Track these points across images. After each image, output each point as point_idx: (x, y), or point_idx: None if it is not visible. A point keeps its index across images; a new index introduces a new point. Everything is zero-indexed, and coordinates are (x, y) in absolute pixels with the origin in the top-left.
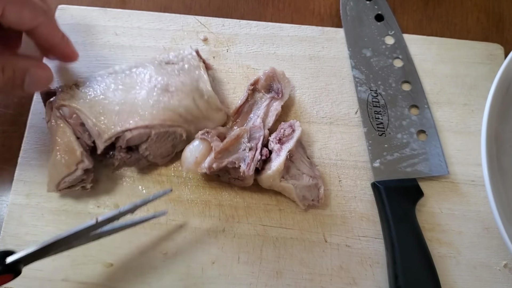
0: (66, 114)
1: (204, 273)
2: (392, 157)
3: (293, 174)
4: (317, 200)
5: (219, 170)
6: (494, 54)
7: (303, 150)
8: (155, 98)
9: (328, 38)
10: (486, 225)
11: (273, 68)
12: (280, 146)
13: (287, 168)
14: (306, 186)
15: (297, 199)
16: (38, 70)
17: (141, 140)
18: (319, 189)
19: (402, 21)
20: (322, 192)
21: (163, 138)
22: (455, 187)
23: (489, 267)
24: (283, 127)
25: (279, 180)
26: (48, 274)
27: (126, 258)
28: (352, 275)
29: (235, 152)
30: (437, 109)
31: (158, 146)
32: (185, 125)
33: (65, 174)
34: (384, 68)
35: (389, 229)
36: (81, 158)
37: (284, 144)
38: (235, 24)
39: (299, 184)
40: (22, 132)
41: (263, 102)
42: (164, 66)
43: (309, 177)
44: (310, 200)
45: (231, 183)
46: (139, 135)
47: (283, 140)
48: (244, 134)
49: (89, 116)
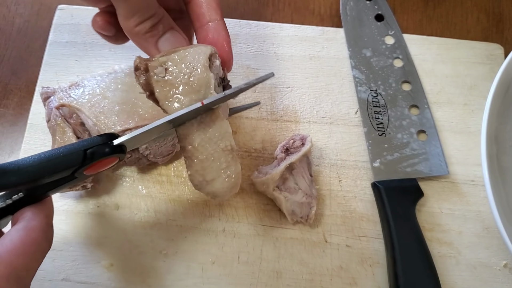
0: (66, 114)
1: (204, 273)
2: (392, 157)
3: (288, 187)
4: (306, 219)
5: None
6: (494, 54)
7: (307, 166)
8: None
9: (328, 38)
10: (486, 225)
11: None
12: (284, 156)
13: (284, 179)
14: (298, 202)
15: (286, 212)
16: (180, 36)
17: None
18: (311, 209)
19: (402, 21)
20: (313, 213)
21: (163, 138)
22: (455, 187)
23: (489, 267)
24: (294, 138)
25: (272, 189)
26: (48, 274)
27: (126, 258)
28: (352, 275)
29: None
30: (437, 109)
31: (158, 145)
32: None
33: None
34: (384, 68)
35: (389, 229)
36: None
37: (289, 156)
38: (235, 24)
39: (291, 198)
40: (22, 132)
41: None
42: None
43: (304, 194)
44: (299, 216)
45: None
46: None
47: (290, 151)
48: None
49: (89, 116)
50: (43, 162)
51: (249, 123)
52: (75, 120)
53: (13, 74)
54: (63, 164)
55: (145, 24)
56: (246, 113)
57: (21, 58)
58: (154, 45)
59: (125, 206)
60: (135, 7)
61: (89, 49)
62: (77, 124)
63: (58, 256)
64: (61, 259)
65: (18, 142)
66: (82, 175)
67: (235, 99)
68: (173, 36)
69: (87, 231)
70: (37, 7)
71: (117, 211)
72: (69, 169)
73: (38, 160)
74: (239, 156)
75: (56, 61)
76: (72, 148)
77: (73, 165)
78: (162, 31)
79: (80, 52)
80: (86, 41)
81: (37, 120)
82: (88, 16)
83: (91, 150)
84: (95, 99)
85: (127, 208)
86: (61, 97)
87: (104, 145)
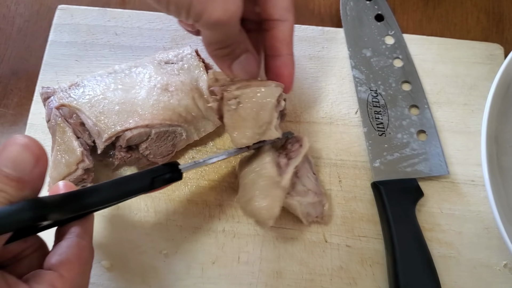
0: (66, 114)
1: (204, 273)
2: (392, 157)
3: (298, 191)
4: (321, 217)
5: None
6: (494, 54)
7: (309, 165)
8: (155, 98)
9: (328, 38)
10: (486, 225)
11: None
12: (287, 161)
13: (293, 184)
14: (310, 203)
15: (301, 216)
16: (253, 58)
17: (141, 139)
18: (324, 206)
19: (402, 21)
20: (327, 209)
21: (163, 137)
22: (455, 187)
23: (489, 267)
24: (291, 142)
25: (284, 197)
26: None
27: (126, 258)
28: (352, 275)
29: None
30: (437, 109)
31: (158, 145)
32: (185, 125)
33: (66, 174)
34: (384, 68)
35: (389, 229)
36: (81, 157)
37: (291, 160)
38: None
39: (304, 201)
40: (22, 132)
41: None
42: (163, 66)
43: (314, 193)
44: (314, 216)
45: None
46: (139, 135)
47: (290, 155)
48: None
49: (89, 116)
50: (119, 187)
51: None
52: (75, 120)
53: (13, 74)
54: (133, 189)
55: (224, 51)
56: None
57: (21, 58)
58: (228, 67)
59: (125, 206)
60: (219, 38)
61: (89, 49)
62: (77, 124)
63: None
64: None
65: None
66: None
67: None
68: (247, 59)
69: None
70: (37, 7)
71: (117, 211)
72: (138, 193)
73: (115, 184)
74: (239, 156)
75: (56, 61)
76: (142, 175)
77: (142, 191)
78: (238, 54)
79: (80, 52)
80: (86, 41)
81: (37, 120)
82: (88, 16)
83: (158, 178)
84: (95, 99)
85: (127, 208)
86: (61, 97)
87: (168, 173)
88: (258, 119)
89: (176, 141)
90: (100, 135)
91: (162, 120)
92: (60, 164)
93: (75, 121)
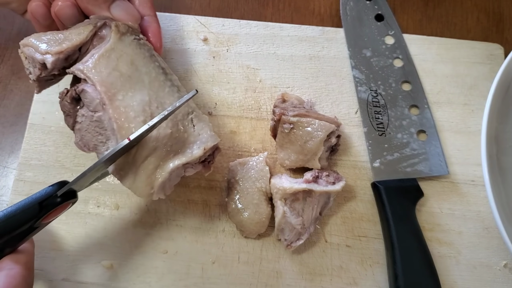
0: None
1: (204, 273)
2: (392, 157)
3: (293, 207)
4: (289, 244)
5: None
6: (494, 54)
7: (324, 205)
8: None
9: (328, 38)
10: (486, 225)
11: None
12: (311, 180)
13: (295, 198)
14: (291, 225)
15: (276, 226)
16: (128, 2)
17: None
18: (298, 240)
19: (402, 21)
20: (297, 245)
21: (98, 128)
22: (455, 187)
23: (489, 267)
24: (329, 173)
25: (279, 197)
26: (48, 274)
27: (126, 258)
28: (352, 275)
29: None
30: (437, 109)
31: (92, 132)
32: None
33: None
34: (384, 68)
35: (389, 229)
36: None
37: (315, 184)
38: (235, 24)
39: (288, 218)
40: (22, 132)
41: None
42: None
43: (302, 224)
44: (283, 237)
45: None
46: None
47: (318, 181)
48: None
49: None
50: (1, 222)
51: (249, 123)
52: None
53: (13, 74)
54: (22, 220)
55: None
56: (246, 113)
57: (21, 58)
58: (107, 10)
59: (125, 206)
60: None
61: None
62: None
63: (58, 256)
64: (61, 259)
65: (18, 142)
66: (41, 224)
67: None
68: (123, 2)
69: (87, 231)
70: None
71: (117, 211)
72: (28, 223)
73: None
74: (238, 156)
75: None
76: (28, 203)
77: (31, 219)
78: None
79: None
80: None
81: (37, 120)
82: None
83: (46, 202)
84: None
85: (127, 208)
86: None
87: (56, 196)
88: (305, 147)
89: (104, 147)
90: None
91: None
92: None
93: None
